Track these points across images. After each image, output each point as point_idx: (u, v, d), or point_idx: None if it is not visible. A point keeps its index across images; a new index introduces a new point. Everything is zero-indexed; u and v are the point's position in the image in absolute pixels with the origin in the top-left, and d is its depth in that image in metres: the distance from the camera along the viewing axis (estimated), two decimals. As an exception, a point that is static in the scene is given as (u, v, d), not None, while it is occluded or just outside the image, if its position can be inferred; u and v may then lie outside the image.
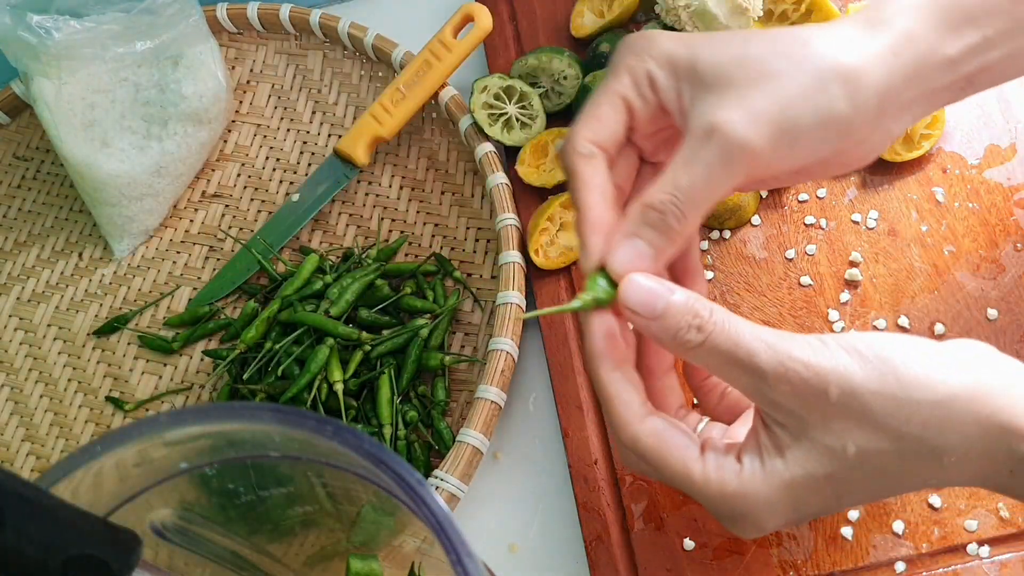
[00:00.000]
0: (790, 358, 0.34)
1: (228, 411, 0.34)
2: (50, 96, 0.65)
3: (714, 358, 0.36)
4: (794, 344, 0.34)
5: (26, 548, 0.27)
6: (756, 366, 0.34)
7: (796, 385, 0.34)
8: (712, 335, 0.35)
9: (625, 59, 0.39)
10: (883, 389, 0.33)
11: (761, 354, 0.34)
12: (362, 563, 0.41)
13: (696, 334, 0.35)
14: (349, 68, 0.74)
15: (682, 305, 0.36)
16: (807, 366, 0.34)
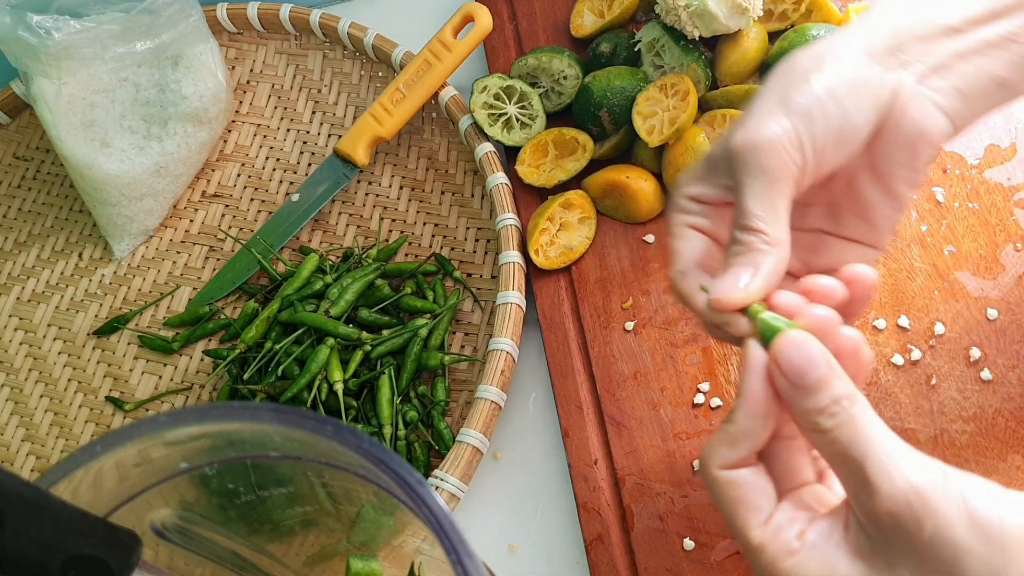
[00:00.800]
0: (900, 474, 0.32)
1: (228, 411, 0.34)
2: (50, 96, 0.65)
3: (830, 447, 0.34)
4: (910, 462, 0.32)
5: (26, 548, 0.27)
6: (864, 468, 0.32)
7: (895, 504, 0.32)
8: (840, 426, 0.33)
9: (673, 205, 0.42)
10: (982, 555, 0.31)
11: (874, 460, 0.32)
12: (362, 563, 0.41)
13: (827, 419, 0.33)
14: (349, 68, 0.74)
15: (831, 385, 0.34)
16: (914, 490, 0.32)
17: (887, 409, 0.53)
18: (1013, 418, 0.51)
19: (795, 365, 0.34)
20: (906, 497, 0.31)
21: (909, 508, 0.31)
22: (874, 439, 0.33)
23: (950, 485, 0.32)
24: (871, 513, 0.33)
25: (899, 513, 0.31)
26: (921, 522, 0.31)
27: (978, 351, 0.53)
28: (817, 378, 0.33)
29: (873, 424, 0.33)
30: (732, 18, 0.60)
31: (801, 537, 0.34)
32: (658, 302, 0.59)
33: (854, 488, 0.33)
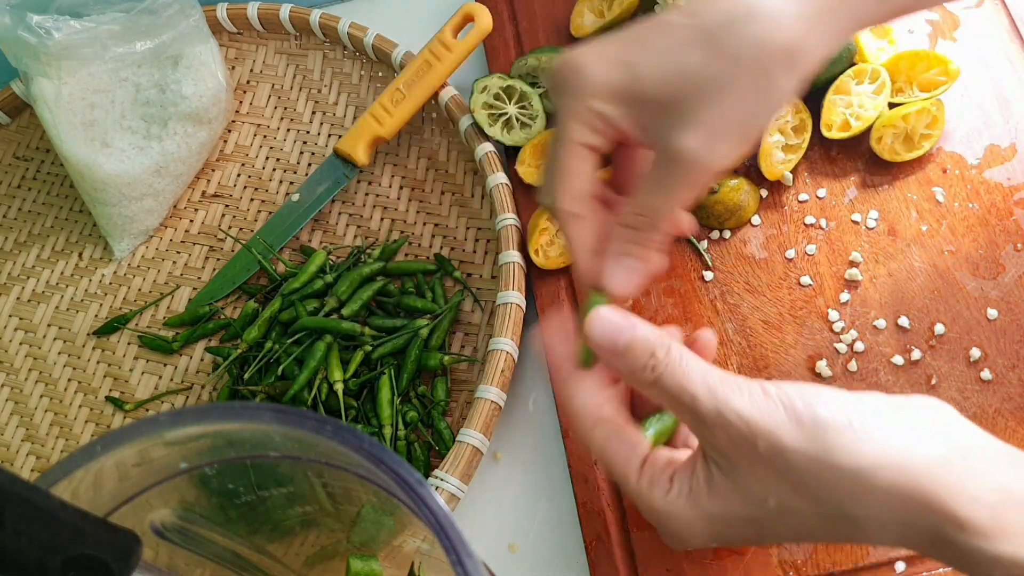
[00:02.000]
0: (727, 406, 0.35)
1: (228, 411, 0.34)
2: (50, 96, 0.65)
3: (663, 396, 0.37)
4: (734, 392, 0.36)
5: (26, 548, 0.27)
6: (696, 410, 0.36)
7: (729, 432, 0.35)
8: (662, 376, 0.37)
9: (567, 105, 0.39)
10: (808, 451, 0.34)
11: (702, 399, 0.36)
12: (362, 563, 0.41)
13: (649, 373, 0.37)
14: (349, 68, 0.74)
15: (642, 343, 0.37)
16: (740, 417, 0.35)
17: (887, 409, 0.53)
18: (1013, 418, 0.51)
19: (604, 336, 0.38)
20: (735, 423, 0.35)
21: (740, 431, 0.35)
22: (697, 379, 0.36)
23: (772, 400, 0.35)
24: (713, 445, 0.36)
25: (734, 437, 0.35)
26: (754, 440, 0.35)
27: (978, 351, 0.53)
28: (626, 341, 0.37)
29: (692, 366, 0.37)
30: (732, 18, 0.59)
31: (671, 479, 0.38)
32: (658, 302, 0.59)
33: (694, 426, 0.37)
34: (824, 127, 0.60)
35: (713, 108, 0.36)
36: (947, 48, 0.62)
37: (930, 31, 0.63)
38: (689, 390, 0.36)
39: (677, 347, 0.38)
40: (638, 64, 0.38)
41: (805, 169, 0.61)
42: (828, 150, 0.61)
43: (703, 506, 0.37)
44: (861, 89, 0.60)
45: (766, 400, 0.35)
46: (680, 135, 0.37)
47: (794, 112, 0.60)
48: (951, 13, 0.64)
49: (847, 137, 0.60)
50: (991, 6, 0.63)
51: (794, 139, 0.60)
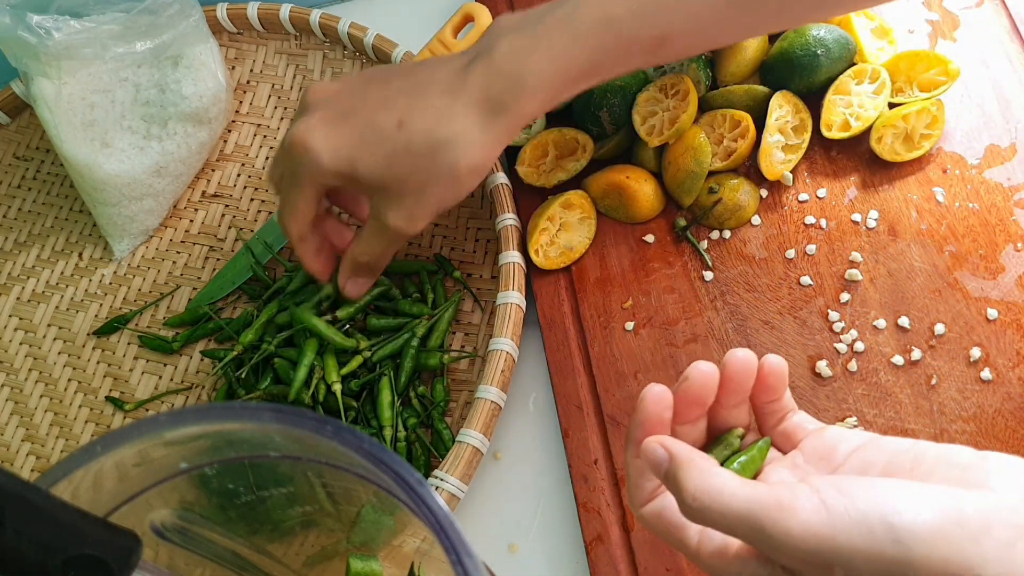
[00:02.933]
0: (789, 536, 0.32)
1: (228, 411, 0.34)
2: (50, 96, 0.65)
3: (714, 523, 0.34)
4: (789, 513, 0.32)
5: (26, 548, 0.27)
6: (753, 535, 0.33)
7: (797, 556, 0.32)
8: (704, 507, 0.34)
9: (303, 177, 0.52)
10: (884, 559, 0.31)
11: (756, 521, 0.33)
12: (362, 563, 0.41)
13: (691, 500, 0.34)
14: (349, 68, 0.74)
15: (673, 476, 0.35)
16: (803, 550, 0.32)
17: (887, 409, 0.53)
18: (1013, 418, 0.51)
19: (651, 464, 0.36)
20: (806, 550, 0.32)
21: (813, 558, 0.32)
22: (741, 497, 0.33)
23: (833, 516, 0.32)
24: (785, 562, 0.33)
25: (809, 561, 0.32)
26: (830, 567, 0.32)
27: (978, 351, 0.53)
28: (664, 472, 0.35)
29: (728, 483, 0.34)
30: (732, 18, 0.59)
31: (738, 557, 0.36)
32: (658, 302, 0.59)
33: (761, 547, 0.34)
34: (824, 127, 0.60)
35: (416, 200, 0.51)
36: (947, 48, 0.62)
37: (930, 31, 0.63)
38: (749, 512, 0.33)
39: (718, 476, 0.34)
40: (359, 161, 0.50)
41: (805, 169, 0.61)
42: (828, 150, 0.61)
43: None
44: (861, 89, 0.60)
45: (829, 516, 0.32)
46: (389, 213, 0.52)
47: (794, 112, 0.60)
48: (951, 13, 0.64)
49: (847, 137, 0.60)
50: (991, 6, 0.63)
51: (794, 139, 0.60)
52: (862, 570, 0.32)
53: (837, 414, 0.53)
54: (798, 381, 0.55)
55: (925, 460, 0.35)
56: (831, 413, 0.53)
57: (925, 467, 0.34)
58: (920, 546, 0.31)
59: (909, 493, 0.32)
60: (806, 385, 0.55)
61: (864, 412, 0.53)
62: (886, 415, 0.53)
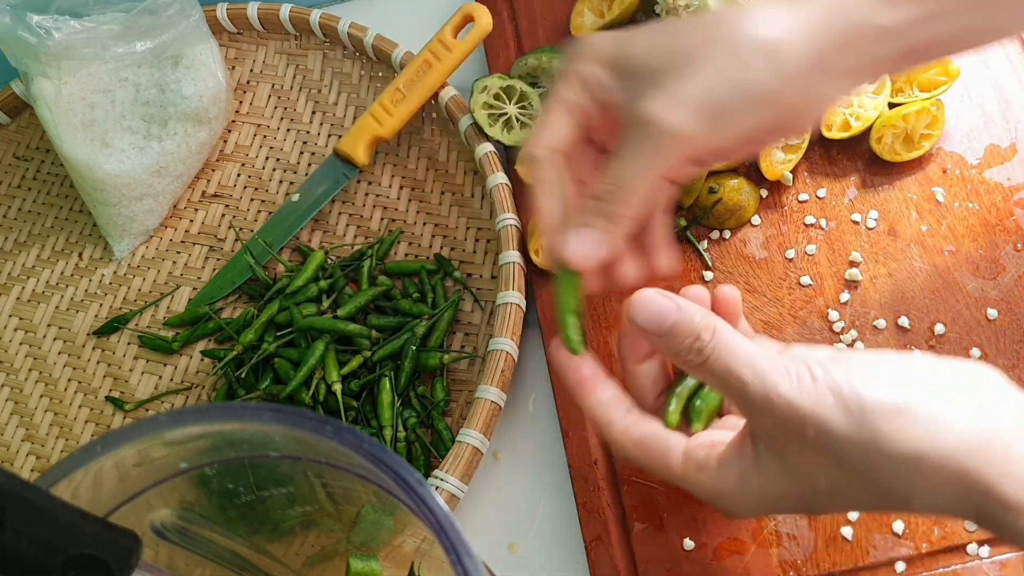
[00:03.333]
0: (776, 392, 0.35)
1: (228, 411, 0.34)
2: (50, 96, 0.65)
3: (710, 378, 0.38)
4: (782, 377, 0.36)
5: (26, 548, 0.27)
6: (744, 394, 0.36)
7: (777, 418, 0.36)
8: (709, 359, 0.37)
9: (568, 66, 0.41)
10: (857, 438, 0.34)
11: (750, 384, 0.36)
12: (362, 563, 0.41)
13: (696, 355, 0.37)
14: (349, 68, 0.74)
15: (687, 325, 0.38)
16: (789, 404, 0.35)
17: (887, 409, 0.53)
18: (1013, 418, 0.51)
19: (649, 319, 0.38)
20: (784, 410, 0.35)
21: (789, 419, 0.35)
22: (744, 362, 0.36)
23: (819, 385, 0.35)
24: (762, 427, 0.37)
25: (783, 424, 0.35)
26: (803, 428, 0.35)
27: (978, 351, 0.53)
28: (671, 323, 0.37)
29: (739, 347, 0.37)
30: (732, 18, 0.59)
31: (718, 462, 0.38)
32: (658, 302, 0.59)
33: (742, 408, 0.37)
34: (824, 127, 0.60)
35: (682, 80, 0.38)
36: (947, 48, 0.62)
37: (930, 31, 0.63)
38: (736, 374, 0.36)
39: (723, 328, 0.38)
40: (631, 39, 0.40)
41: (805, 169, 0.61)
42: (828, 150, 0.61)
43: (753, 485, 0.38)
44: (861, 89, 0.60)
45: (814, 386, 0.35)
46: (646, 100, 0.38)
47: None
48: (951, 13, 0.64)
49: (847, 137, 0.60)
50: (991, 6, 0.63)
51: (794, 139, 0.60)
52: (832, 433, 0.34)
53: (837, 414, 0.53)
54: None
55: None
56: (831, 413, 0.53)
57: None
58: (884, 423, 0.34)
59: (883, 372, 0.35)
60: (806, 385, 0.55)
61: (864, 412, 0.53)
62: (886, 415, 0.53)
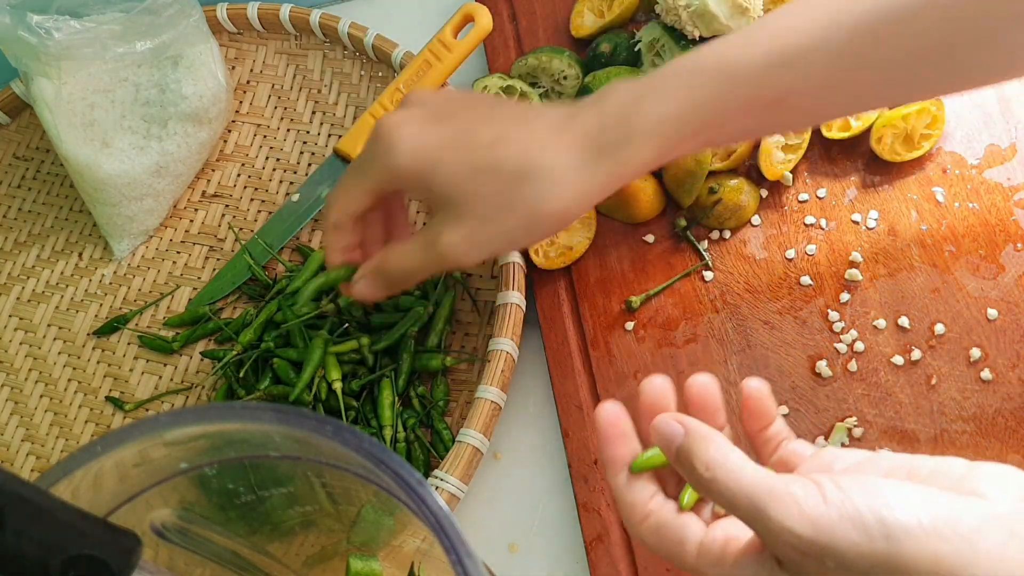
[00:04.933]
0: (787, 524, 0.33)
1: (228, 411, 0.34)
2: (50, 96, 0.65)
3: (722, 499, 0.36)
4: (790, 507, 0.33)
5: (26, 548, 0.27)
6: (754, 524, 0.34)
7: (793, 545, 0.33)
8: (712, 488, 0.35)
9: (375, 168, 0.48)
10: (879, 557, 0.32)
11: (755, 519, 0.34)
12: (362, 563, 0.41)
13: (698, 484, 0.36)
14: (349, 68, 0.74)
15: (686, 452, 0.36)
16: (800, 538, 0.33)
17: (887, 409, 0.53)
18: (1013, 418, 0.51)
19: (661, 442, 0.37)
20: (803, 540, 0.33)
21: (805, 548, 0.33)
22: (752, 478, 0.34)
23: (832, 511, 0.33)
24: (779, 552, 0.34)
25: (799, 549, 0.33)
26: (822, 558, 0.33)
27: (978, 351, 0.53)
28: (677, 448, 0.36)
29: (743, 464, 0.35)
30: (732, 18, 0.60)
31: (736, 564, 0.36)
32: (658, 302, 0.59)
33: (758, 531, 0.35)
34: (824, 127, 0.60)
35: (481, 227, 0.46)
36: (947, 48, 0.62)
37: (930, 31, 0.63)
38: (751, 497, 0.34)
39: (722, 457, 0.36)
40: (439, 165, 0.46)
41: (805, 169, 0.61)
42: (828, 150, 0.61)
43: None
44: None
45: (827, 509, 0.33)
46: (445, 230, 0.46)
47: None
48: (951, 13, 0.64)
49: (847, 137, 0.60)
50: (991, 6, 0.63)
51: (794, 139, 0.60)
52: (854, 563, 0.32)
53: (837, 414, 0.53)
54: (798, 381, 0.55)
55: (920, 472, 0.36)
56: (831, 413, 0.53)
57: (920, 477, 0.36)
58: (911, 543, 0.32)
59: (904, 492, 0.33)
60: (806, 385, 0.55)
61: (864, 412, 0.53)
62: (886, 415, 0.53)
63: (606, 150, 0.45)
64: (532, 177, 0.45)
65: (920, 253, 0.57)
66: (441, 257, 0.47)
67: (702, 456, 0.36)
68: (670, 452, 0.37)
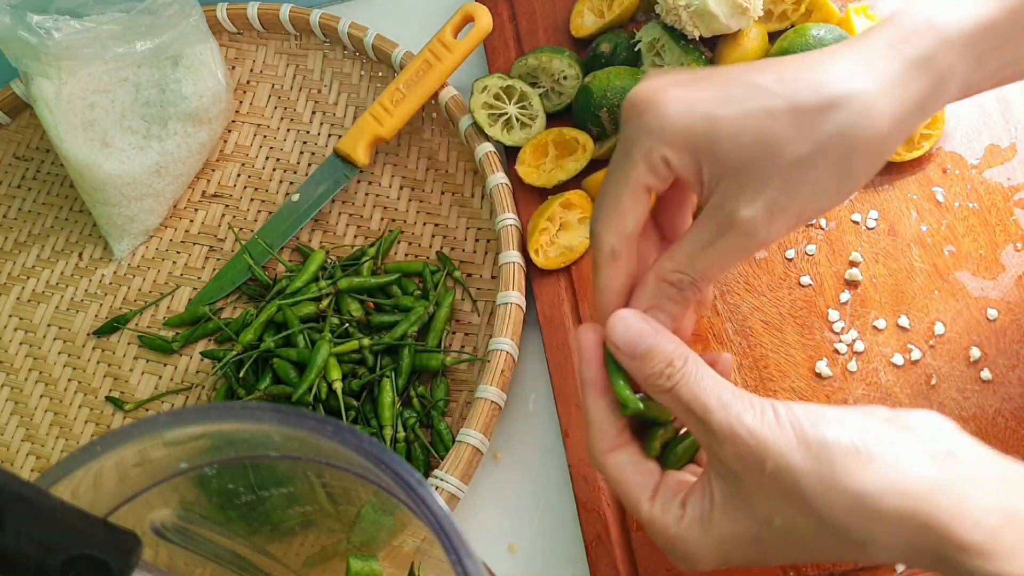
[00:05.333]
0: (739, 422, 0.36)
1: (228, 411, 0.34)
2: (50, 96, 0.65)
3: (677, 406, 0.38)
4: (746, 409, 0.36)
5: (26, 548, 0.27)
6: (708, 422, 0.36)
7: (738, 448, 0.36)
8: (677, 385, 0.37)
9: (638, 142, 0.38)
10: (815, 473, 0.34)
11: (715, 412, 0.36)
12: (362, 563, 0.41)
13: (665, 380, 0.38)
14: (349, 68, 0.74)
15: (661, 350, 0.38)
16: (751, 434, 0.35)
17: (887, 409, 0.53)
18: (1013, 418, 0.51)
19: (626, 339, 0.38)
20: (746, 440, 0.35)
21: (750, 449, 0.35)
22: (711, 392, 0.37)
23: (781, 421, 0.36)
24: (722, 459, 0.37)
25: (743, 455, 0.36)
26: (763, 459, 0.35)
27: (978, 351, 0.53)
28: (646, 347, 0.38)
29: (707, 379, 0.37)
30: (732, 18, 0.60)
31: (682, 504, 0.39)
32: (658, 302, 0.59)
33: (704, 439, 0.37)
34: (824, 127, 0.60)
35: (785, 187, 0.36)
36: (947, 48, 0.62)
37: (930, 31, 0.63)
38: (702, 401, 0.36)
39: (695, 359, 0.38)
40: (719, 120, 0.36)
41: (805, 169, 0.61)
42: (828, 150, 0.61)
43: (711, 528, 0.38)
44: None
45: (776, 420, 0.36)
46: (745, 205, 0.36)
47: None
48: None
49: (847, 137, 0.59)
50: (991, 6, 0.63)
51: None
52: (792, 468, 0.35)
53: (837, 414, 0.53)
54: (798, 381, 0.55)
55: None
56: (831, 413, 0.53)
57: None
58: (846, 462, 0.34)
59: (840, 413, 0.36)
60: (806, 385, 0.55)
61: (864, 412, 0.53)
62: (886, 415, 0.53)
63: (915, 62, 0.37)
64: (839, 104, 0.36)
65: (920, 253, 0.57)
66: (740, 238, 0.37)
67: (670, 356, 0.38)
68: (636, 350, 0.38)
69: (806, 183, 0.36)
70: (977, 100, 0.60)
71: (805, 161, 0.36)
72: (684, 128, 0.37)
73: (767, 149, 0.36)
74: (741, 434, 0.35)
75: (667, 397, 0.38)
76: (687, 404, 0.37)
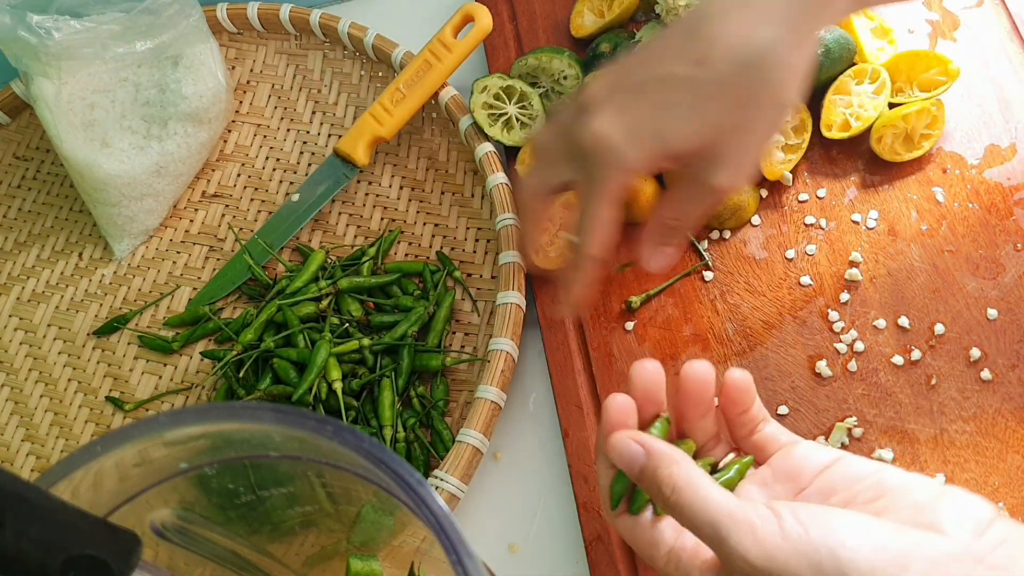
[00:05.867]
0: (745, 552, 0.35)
1: (228, 411, 0.34)
2: (50, 96, 0.65)
3: (682, 516, 0.37)
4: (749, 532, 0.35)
5: (26, 548, 0.27)
6: (714, 547, 0.36)
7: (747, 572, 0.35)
8: (676, 509, 0.37)
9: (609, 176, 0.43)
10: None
11: (716, 543, 0.35)
12: (362, 563, 0.41)
13: (663, 504, 0.38)
14: (349, 68, 0.74)
15: (650, 473, 0.38)
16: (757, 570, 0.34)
17: (887, 409, 0.53)
18: (1013, 418, 0.51)
19: (623, 463, 0.39)
20: (757, 569, 0.34)
21: (757, 571, 0.34)
22: (715, 504, 0.36)
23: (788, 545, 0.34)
24: (735, 570, 0.36)
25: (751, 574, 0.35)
26: None
27: (978, 351, 0.53)
28: (640, 469, 0.39)
29: (707, 488, 0.37)
30: (732, 18, 0.59)
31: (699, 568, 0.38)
32: (658, 302, 0.59)
33: (718, 553, 0.36)
34: (824, 127, 0.60)
35: (740, 148, 0.42)
36: (947, 48, 0.62)
37: (930, 31, 0.63)
38: (708, 516, 0.36)
39: (687, 479, 0.37)
40: (666, 131, 0.41)
41: (805, 169, 0.61)
42: (828, 150, 0.61)
43: None
44: (861, 89, 0.60)
45: (783, 542, 0.34)
46: (715, 174, 0.42)
47: (794, 112, 0.60)
48: (951, 13, 0.64)
49: (847, 137, 0.60)
50: (991, 6, 0.63)
51: (794, 139, 0.60)
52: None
53: (837, 414, 0.53)
54: (798, 381, 0.55)
55: (886, 489, 0.37)
56: (831, 413, 0.53)
57: (885, 499, 0.37)
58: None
59: (859, 527, 0.34)
60: (806, 385, 0.55)
61: (864, 412, 0.53)
62: (886, 415, 0.53)
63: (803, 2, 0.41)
64: (756, 60, 0.40)
65: (920, 253, 0.57)
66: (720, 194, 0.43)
67: (667, 480, 0.38)
68: (632, 472, 0.39)
69: (755, 132, 0.42)
70: (977, 100, 0.60)
71: (749, 124, 0.41)
72: (641, 155, 0.42)
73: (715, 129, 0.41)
74: (754, 554, 0.34)
75: (671, 509, 0.38)
76: (692, 516, 0.36)
